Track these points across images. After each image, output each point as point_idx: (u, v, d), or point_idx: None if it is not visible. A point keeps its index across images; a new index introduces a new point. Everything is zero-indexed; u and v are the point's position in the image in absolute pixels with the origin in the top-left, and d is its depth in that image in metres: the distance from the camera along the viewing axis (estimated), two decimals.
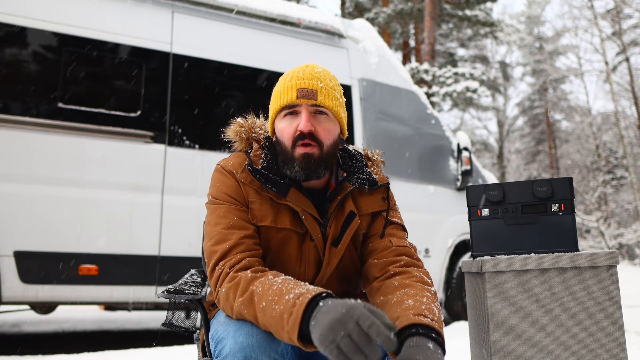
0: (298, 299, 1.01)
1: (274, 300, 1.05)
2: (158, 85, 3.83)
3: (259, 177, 1.29)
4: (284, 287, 1.07)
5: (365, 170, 1.41)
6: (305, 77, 1.30)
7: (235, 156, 1.37)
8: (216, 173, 1.35)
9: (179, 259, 3.66)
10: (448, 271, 4.90)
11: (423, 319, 1.09)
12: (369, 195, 1.40)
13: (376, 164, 1.48)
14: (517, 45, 26.52)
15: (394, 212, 1.43)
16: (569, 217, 1.57)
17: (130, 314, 6.71)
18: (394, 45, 19.85)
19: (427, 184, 4.95)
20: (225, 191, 1.30)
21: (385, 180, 1.44)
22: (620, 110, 18.66)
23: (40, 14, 3.54)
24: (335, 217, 1.33)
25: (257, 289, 1.10)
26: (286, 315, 1.01)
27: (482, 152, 27.62)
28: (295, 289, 1.05)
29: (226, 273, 1.19)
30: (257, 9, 4.26)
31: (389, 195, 1.44)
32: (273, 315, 1.04)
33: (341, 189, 1.35)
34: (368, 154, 1.50)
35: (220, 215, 1.28)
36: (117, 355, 3.25)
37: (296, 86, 1.29)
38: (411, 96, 5.11)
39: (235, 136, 1.41)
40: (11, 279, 3.23)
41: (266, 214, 1.29)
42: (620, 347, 1.46)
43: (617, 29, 18.55)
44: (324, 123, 1.31)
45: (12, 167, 3.32)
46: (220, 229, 1.25)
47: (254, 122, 1.44)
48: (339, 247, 1.32)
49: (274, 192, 1.29)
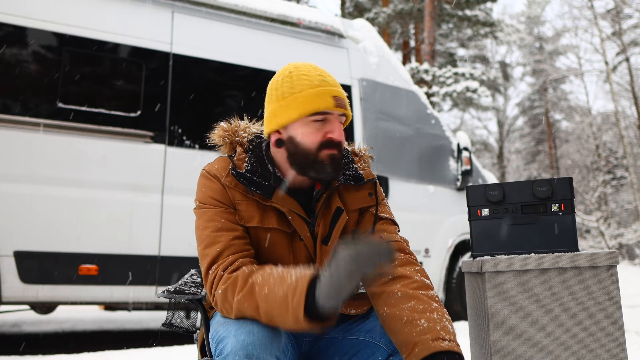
0: (300, 279, 1.07)
1: (276, 285, 1.09)
2: (158, 85, 3.83)
3: (243, 180, 1.29)
4: (284, 273, 1.11)
5: (351, 166, 1.41)
6: (331, 83, 1.31)
7: (220, 160, 1.37)
8: (202, 178, 1.35)
9: (179, 259, 3.66)
10: (448, 271, 4.90)
11: (442, 343, 1.10)
12: (355, 191, 1.40)
13: (363, 159, 1.48)
14: (517, 45, 26.53)
15: (382, 207, 1.43)
16: (569, 217, 1.57)
17: (130, 314, 6.71)
18: (394, 45, 19.84)
19: (427, 184, 4.95)
20: (211, 195, 1.31)
21: (372, 176, 1.44)
22: (620, 110, 18.66)
23: (40, 14, 3.54)
24: (322, 214, 1.34)
25: (257, 279, 1.13)
26: (290, 293, 1.05)
27: (482, 152, 27.62)
28: (297, 272, 1.10)
29: (220, 275, 1.19)
30: (257, 9, 4.26)
31: (377, 190, 1.43)
32: (276, 299, 1.07)
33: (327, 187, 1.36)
34: (355, 149, 1.50)
35: (208, 218, 1.28)
36: (117, 355, 3.25)
37: (330, 93, 1.28)
38: (411, 96, 5.11)
39: (219, 140, 1.41)
40: (11, 279, 3.23)
41: (253, 214, 1.29)
42: (620, 347, 1.45)
43: (617, 29, 18.55)
44: (341, 129, 1.33)
45: (12, 167, 3.32)
46: (209, 232, 1.26)
47: (237, 125, 1.43)
48: (329, 245, 1.32)
49: (259, 195, 1.30)
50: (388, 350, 1.21)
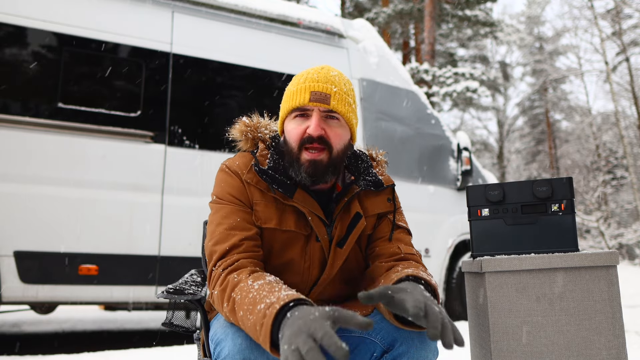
0: (268, 310, 0.99)
1: (248, 310, 1.04)
2: (158, 85, 3.83)
3: (266, 177, 1.28)
4: (258, 295, 1.05)
5: (370, 171, 1.40)
6: (320, 80, 1.29)
7: (241, 156, 1.36)
8: (221, 173, 1.34)
9: (179, 259, 3.66)
10: (448, 271, 4.90)
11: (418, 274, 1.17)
12: (374, 196, 1.39)
13: (380, 164, 1.48)
14: (517, 45, 26.54)
15: (399, 215, 1.42)
16: (569, 217, 1.57)
17: (130, 314, 6.71)
18: (394, 45, 19.84)
19: (427, 184, 4.95)
20: (230, 191, 1.29)
21: (391, 182, 1.43)
22: (620, 110, 18.66)
23: (40, 14, 3.54)
24: (341, 218, 1.33)
25: (236, 296, 1.10)
26: (258, 326, 1.00)
27: (482, 152, 27.62)
28: (268, 297, 1.02)
29: (219, 274, 1.18)
30: (257, 9, 4.26)
31: (395, 196, 1.43)
32: (249, 326, 1.04)
33: (347, 191, 1.35)
34: (372, 154, 1.49)
35: (224, 215, 1.27)
36: (117, 355, 3.25)
37: (310, 88, 1.28)
38: (411, 96, 5.12)
39: (240, 135, 1.39)
40: (11, 279, 3.23)
41: (271, 216, 1.28)
42: (620, 347, 1.45)
43: (617, 29, 18.55)
44: (335, 128, 1.30)
45: (12, 167, 3.31)
46: (223, 229, 1.24)
47: (259, 121, 1.42)
48: (344, 248, 1.31)
49: (281, 193, 1.28)
50: (383, 346, 1.21)
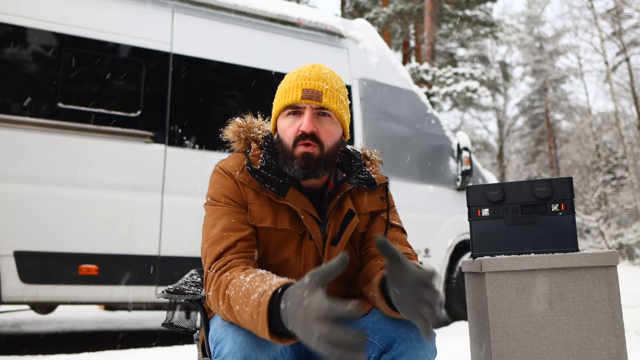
0: (261, 298, 1.01)
1: (244, 303, 1.05)
2: (158, 85, 3.83)
3: (258, 177, 1.29)
4: (251, 287, 1.06)
5: (364, 169, 1.41)
6: (311, 77, 1.30)
7: (234, 157, 1.37)
8: (215, 174, 1.35)
9: (179, 259, 3.66)
10: (448, 271, 4.90)
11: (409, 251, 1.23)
12: (367, 194, 1.40)
13: (374, 163, 1.49)
14: (517, 45, 26.53)
15: (393, 214, 1.43)
16: (569, 217, 1.57)
17: (130, 314, 6.71)
18: (394, 45, 19.84)
19: (427, 184, 4.95)
20: (224, 193, 1.30)
21: (384, 180, 1.44)
22: (620, 110, 18.66)
23: (40, 14, 3.54)
24: (334, 216, 1.33)
25: (230, 293, 1.10)
26: (255, 315, 1.01)
27: (482, 152, 27.62)
28: (260, 286, 1.04)
29: (212, 276, 1.19)
30: (257, 9, 4.26)
31: (388, 195, 1.44)
32: (246, 318, 1.04)
33: (340, 189, 1.36)
34: (367, 153, 1.50)
35: (218, 217, 1.28)
36: (117, 355, 3.25)
37: (302, 86, 1.29)
38: (411, 96, 5.11)
39: (233, 136, 1.41)
40: (11, 279, 3.23)
41: (266, 215, 1.29)
42: (620, 347, 1.45)
43: (617, 29, 18.56)
44: (326, 125, 1.31)
45: (12, 167, 3.31)
46: (217, 231, 1.25)
47: (252, 122, 1.43)
48: (338, 246, 1.32)
49: (273, 192, 1.29)
50: (381, 347, 1.21)
